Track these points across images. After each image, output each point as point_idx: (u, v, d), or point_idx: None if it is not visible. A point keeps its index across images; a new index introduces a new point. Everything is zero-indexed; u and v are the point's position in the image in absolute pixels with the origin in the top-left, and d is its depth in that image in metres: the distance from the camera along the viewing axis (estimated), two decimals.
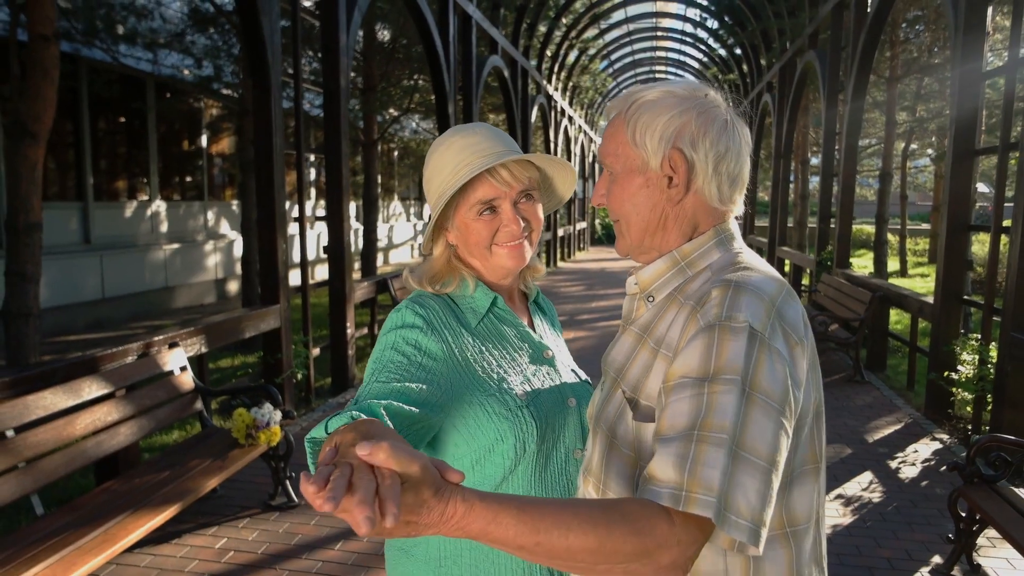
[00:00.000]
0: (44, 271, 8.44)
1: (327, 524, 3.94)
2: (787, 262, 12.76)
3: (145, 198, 11.99)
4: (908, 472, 4.77)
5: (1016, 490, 3.31)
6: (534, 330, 1.43)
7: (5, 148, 6.51)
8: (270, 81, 5.30)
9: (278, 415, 4.01)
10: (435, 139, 1.45)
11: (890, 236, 18.32)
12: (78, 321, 9.88)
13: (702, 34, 21.13)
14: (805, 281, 11.62)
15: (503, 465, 1.25)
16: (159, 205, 12.19)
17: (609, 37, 21.90)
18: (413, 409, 1.05)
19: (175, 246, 12.06)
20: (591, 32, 20.08)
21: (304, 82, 6.13)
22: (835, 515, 4.09)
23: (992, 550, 3.66)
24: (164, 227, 12.27)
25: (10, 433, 3.09)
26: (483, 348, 1.31)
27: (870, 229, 18.99)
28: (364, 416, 0.89)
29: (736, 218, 1.13)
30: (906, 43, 13.60)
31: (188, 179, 13.42)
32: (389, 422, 0.94)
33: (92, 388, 3.57)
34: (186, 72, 10.64)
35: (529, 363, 1.34)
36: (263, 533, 3.84)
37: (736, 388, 0.87)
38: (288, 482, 4.20)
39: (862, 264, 17.07)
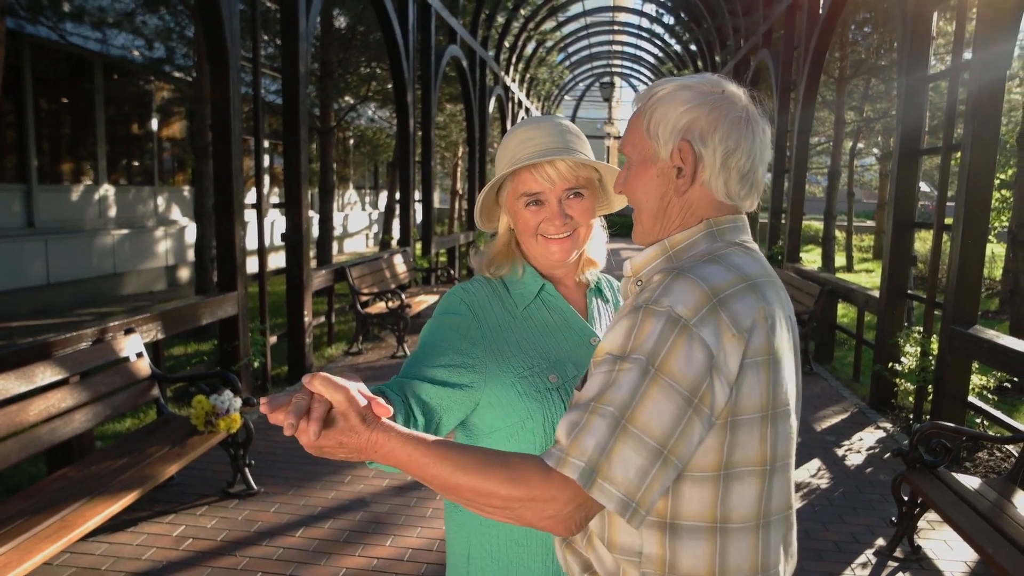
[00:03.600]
0: None
1: (287, 512, 3.93)
2: None
3: (92, 182, 11.64)
4: (854, 459, 4.96)
5: (955, 475, 3.48)
6: (587, 318, 1.48)
7: None
8: (228, 64, 5.21)
9: (238, 402, 3.97)
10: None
11: (837, 232, 18.87)
12: (22, 307, 9.57)
13: (658, 29, 21.37)
14: None
15: (534, 442, 1.33)
16: (107, 189, 11.84)
17: (567, 30, 21.99)
18: (433, 385, 1.23)
19: (124, 231, 11.74)
20: (549, 24, 20.14)
21: (263, 67, 5.99)
22: None
23: (932, 532, 3.85)
24: (112, 212, 11.93)
25: None
26: (525, 332, 1.39)
27: (818, 225, 19.52)
28: (392, 391, 1.14)
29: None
30: (855, 44, 13.97)
31: (137, 163, 13.05)
32: (393, 400, 1.13)
33: (46, 374, 3.49)
34: (136, 53, 10.34)
35: (572, 348, 1.40)
36: (222, 520, 3.81)
37: (639, 367, 0.92)
38: (247, 469, 4.17)
39: (811, 259, 17.53)
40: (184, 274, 13.08)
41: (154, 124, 13.09)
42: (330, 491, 4.19)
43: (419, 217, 10.93)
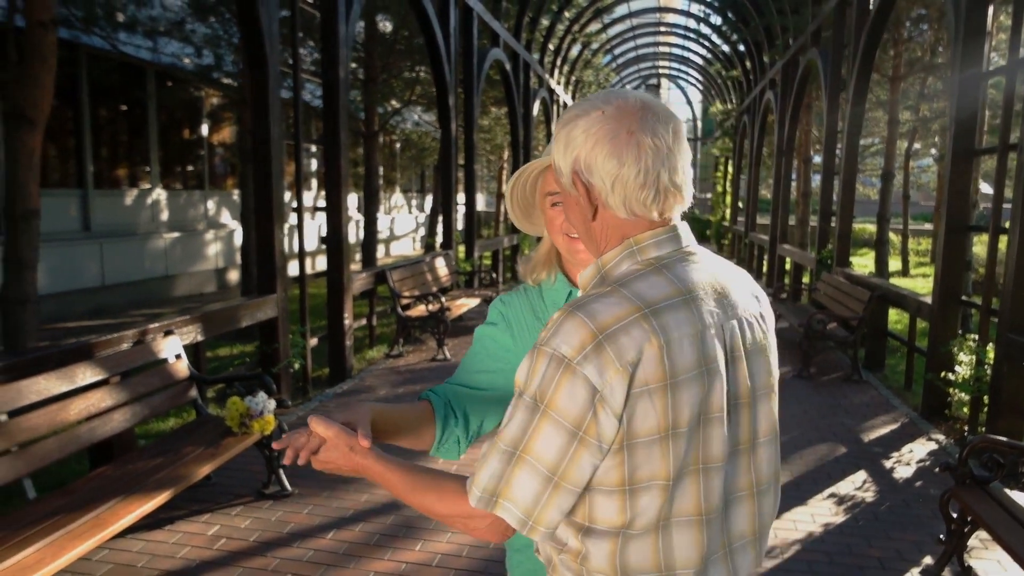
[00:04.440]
0: (44, 258, 8.43)
1: (320, 513, 3.95)
2: (788, 260, 12.75)
3: (146, 186, 11.97)
4: (902, 472, 4.77)
5: (1008, 492, 3.31)
6: None
7: (4, 135, 6.50)
8: (268, 71, 5.28)
9: (272, 404, 4.01)
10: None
11: (892, 236, 18.32)
12: (77, 308, 9.88)
13: (705, 30, 21.06)
14: (805, 279, 11.60)
15: None
16: (159, 193, 12.17)
17: (612, 32, 21.83)
18: (474, 391, 1.43)
19: (175, 235, 12.05)
20: (594, 26, 20.02)
21: (305, 72, 6.08)
22: (827, 514, 4.10)
23: (984, 552, 3.66)
24: (164, 215, 12.25)
25: (3, 417, 3.09)
26: None
27: (873, 228, 18.95)
28: (435, 395, 1.43)
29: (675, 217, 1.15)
30: (909, 42, 13.55)
31: (189, 168, 13.40)
32: (435, 404, 1.41)
33: (86, 374, 3.57)
34: (186, 61, 10.61)
35: None
36: (256, 521, 3.84)
37: (530, 405, 1.04)
38: (281, 471, 4.21)
39: (864, 263, 17.05)
40: (233, 276, 13.35)
41: (204, 129, 13.42)
42: (363, 494, 4.20)
43: (463, 220, 10.96)
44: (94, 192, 10.71)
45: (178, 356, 4.25)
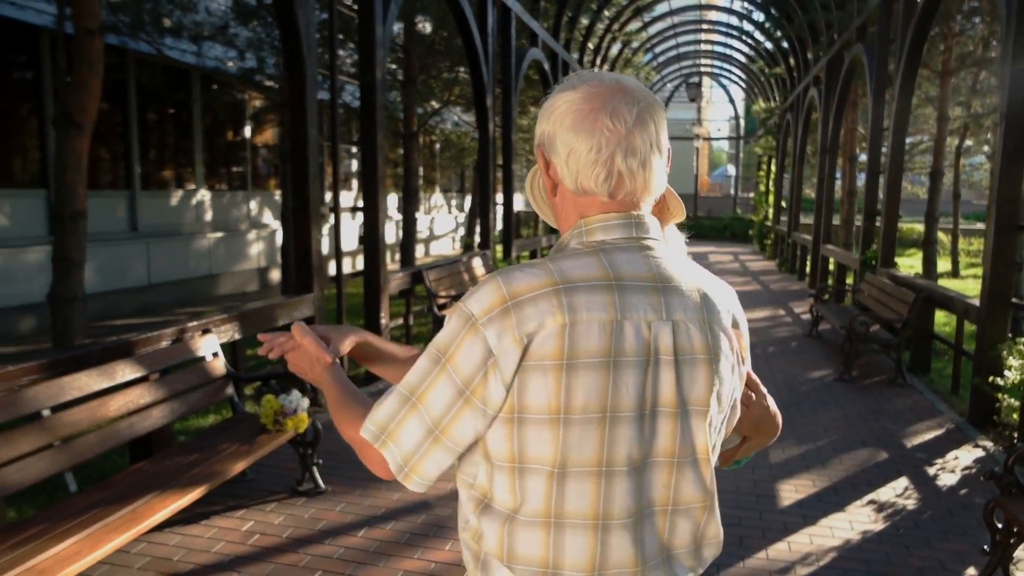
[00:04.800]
0: (93, 257, 8.69)
1: (352, 511, 3.99)
2: (831, 261, 12.49)
3: (191, 187, 12.25)
4: (946, 479, 4.63)
5: None
6: None
7: (54, 139, 6.70)
8: (305, 73, 5.35)
9: (305, 402, 4.06)
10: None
11: (942, 235, 17.78)
12: (125, 306, 10.15)
13: (748, 27, 20.74)
14: (849, 280, 11.35)
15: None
16: (204, 194, 12.44)
17: (653, 30, 21.63)
18: None
19: (219, 234, 12.30)
20: (634, 25, 19.86)
21: (343, 74, 6.19)
22: (866, 521, 4.00)
23: None
24: (208, 216, 12.52)
25: (46, 412, 3.19)
26: None
27: (922, 228, 18.44)
28: None
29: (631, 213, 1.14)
30: (961, 35, 13.14)
31: (232, 169, 13.67)
32: None
33: (126, 371, 3.66)
34: (230, 64, 10.82)
35: None
36: (289, 518, 3.90)
37: (433, 356, 1.07)
38: (315, 468, 4.26)
39: (912, 264, 16.62)
40: (275, 276, 13.58)
41: (248, 131, 13.68)
42: (395, 492, 4.22)
43: (501, 220, 10.97)
44: (141, 193, 11.00)
45: (215, 354, 4.33)
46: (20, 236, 8.87)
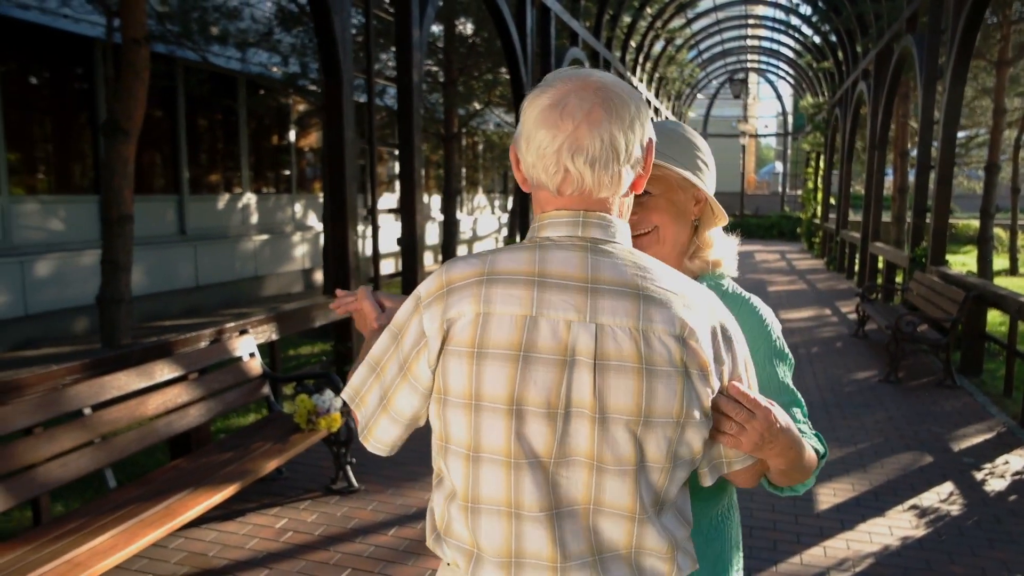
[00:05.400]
0: (143, 260, 8.97)
1: (384, 510, 4.03)
2: (880, 258, 12.16)
3: (237, 191, 12.53)
4: (995, 485, 4.46)
5: None
6: None
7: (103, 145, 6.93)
8: (341, 77, 5.43)
9: (338, 402, 4.12)
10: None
11: (999, 231, 17.13)
12: (173, 307, 10.44)
13: (795, 21, 20.33)
14: (899, 279, 11.03)
15: None
16: (250, 198, 12.71)
17: (697, 26, 21.37)
18: None
19: (264, 237, 12.56)
20: (677, 21, 19.64)
21: (381, 77, 6.28)
22: (907, 526, 3.88)
23: None
24: (254, 219, 12.79)
25: (87, 411, 3.30)
26: None
27: (977, 224, 17.81)
28: None
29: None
30: (1018, 23, 12.65)
31: (278, 172, 13.94)
32: None
33: (164, 371, 3.77)
34: (274, 69, 11.03)
35: None
36: (321, 516, 3.96)
37: (393, 332, 1.15)
38: (348, 467, 4.31)
39: (965, 262, 16.06)
40: (319, 277, 13.79)
41: (292, 135, 13.93)
42: (427, 491, 4.25)
43: None
44: (189, 197, 11.29)
45: (252, 354, 4.43)
46: (75, 240, 9.20)
